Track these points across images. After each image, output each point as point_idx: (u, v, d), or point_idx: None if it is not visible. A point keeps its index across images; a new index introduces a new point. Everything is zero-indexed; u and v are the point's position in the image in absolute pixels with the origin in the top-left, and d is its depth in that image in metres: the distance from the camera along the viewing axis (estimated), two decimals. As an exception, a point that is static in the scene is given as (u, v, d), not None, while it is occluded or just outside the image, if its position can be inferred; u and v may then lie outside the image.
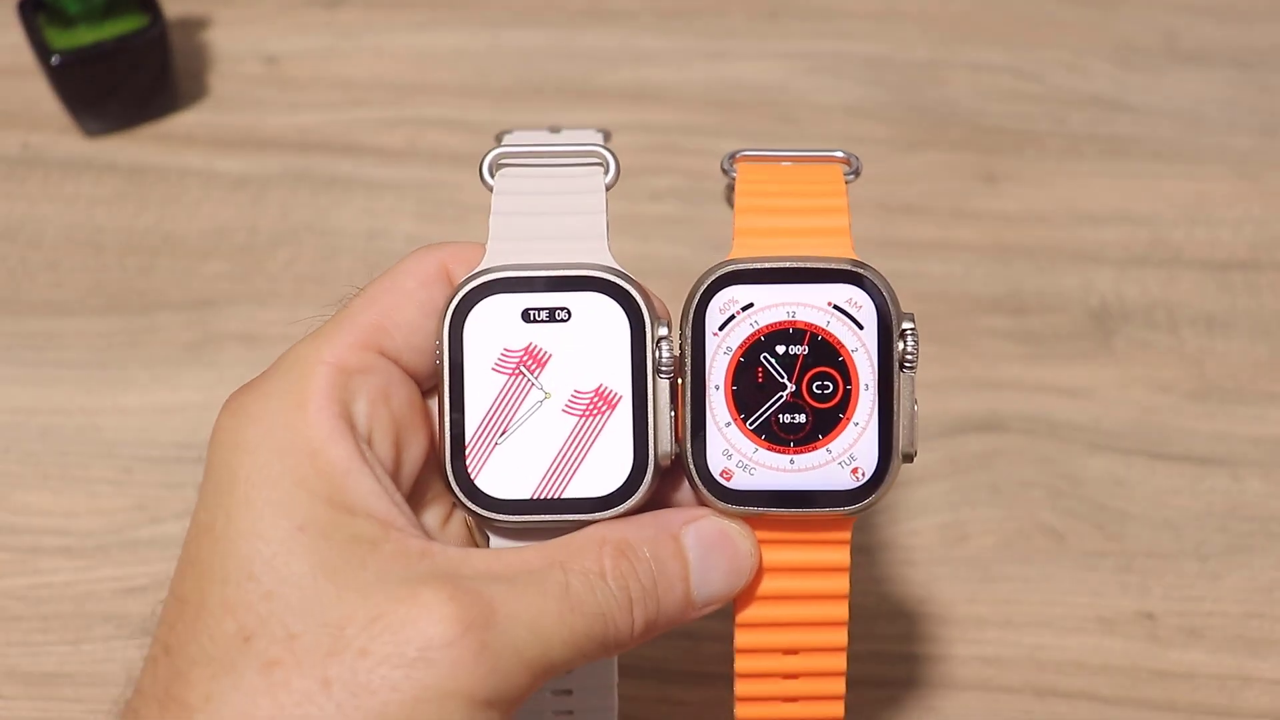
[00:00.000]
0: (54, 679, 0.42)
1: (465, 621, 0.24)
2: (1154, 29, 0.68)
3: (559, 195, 0.29)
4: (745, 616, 0.29)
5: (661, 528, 0.27)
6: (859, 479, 0.27)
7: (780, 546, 0.28)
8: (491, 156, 0.29)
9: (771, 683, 0.29)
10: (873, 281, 0.27)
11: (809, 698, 0.29)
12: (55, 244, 0.55)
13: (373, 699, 0.23)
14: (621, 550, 0.26)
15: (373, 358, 0.27)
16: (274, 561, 0.24)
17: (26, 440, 0.48)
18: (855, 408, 0.27)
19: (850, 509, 0.27)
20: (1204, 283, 0.56)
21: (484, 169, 0.29)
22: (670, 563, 0.27)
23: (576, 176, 0.29)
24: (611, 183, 0.29)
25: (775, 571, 0.28)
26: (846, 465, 0.27)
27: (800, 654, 0.29)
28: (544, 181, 0.29)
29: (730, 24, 0.67)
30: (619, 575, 0.26)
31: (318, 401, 0.25)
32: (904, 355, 0.27)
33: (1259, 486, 0.49)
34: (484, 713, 0.24)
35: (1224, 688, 0.43)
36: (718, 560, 0.27)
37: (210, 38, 0.64)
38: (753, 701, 0.30)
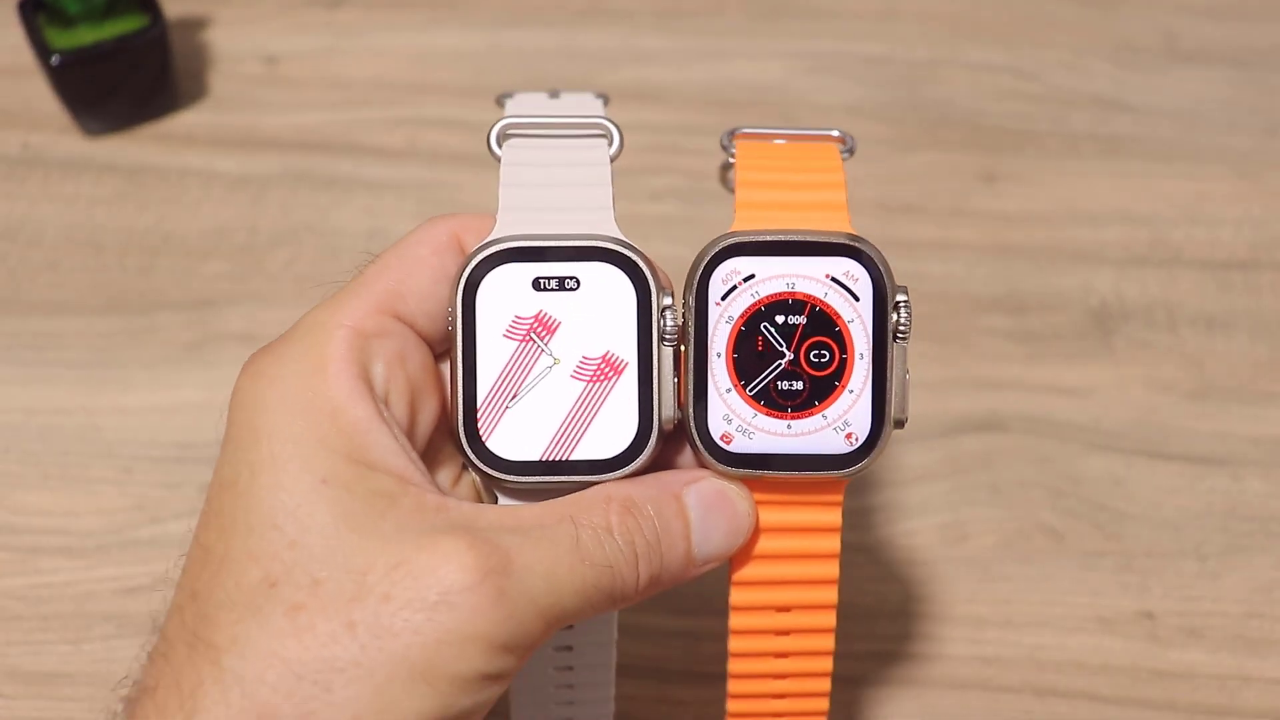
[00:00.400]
0: (54, 678, 0.42)
1: (484, 569, 0.24)
2: (1154, 29, 0.68)
3: (566, 167, 0.30)
4: (741, 575, 0.29)
5: (664, 488, 0.28)
6: (853, 444, 0.28)
7: (776, 507, 0.29)
8: (499, 128, 0.30)
9: (765, 639, 0.30)
10: (869, 255, 0.28)
11: (801, 654, 0.30)
12: (55, 244, 0.55)
13: (395, 641, 0.24)
14: (627, 507, 0.27)
15: (389, 322, 0.28)
16: (298, 512, 0.25)
17: (27, 440, 0.48)
18: (850, 376, 0.28)
19: (844, 472, 0.28)
20: (1204, 282, 0.56)
21: (491, 139, 0.30)
22: (673, 521, 0.28)
23: (582, 148, 0.30)
24: (616, 154, 0.30)
25: (771, 531, 0.29)
26: (841, 430, 0.28)
27: (793, 611, 0.30)
28: (551, 153, 0.30)
29: (730, 23, 0.67)
30: (625, 530, 0.27)
31: (337, 364, 0.26)
32: (897, 326, 0.28)
33: (1259, 486, 0.49)
34: (501, 657, 0.25)
35: (1224, 688, 0.43)
36: (717, 520, 0.28)
37: (210, 38, 0.64)
38: (746, 658, 0.30)
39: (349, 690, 0.24)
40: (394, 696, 0.24)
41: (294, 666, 0.24)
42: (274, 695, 0.24)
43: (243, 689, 0.24)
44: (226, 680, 0.24)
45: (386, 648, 0.24)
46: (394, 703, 0.24)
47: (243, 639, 0.24)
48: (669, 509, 0.28)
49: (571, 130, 0.30)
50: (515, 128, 0.30)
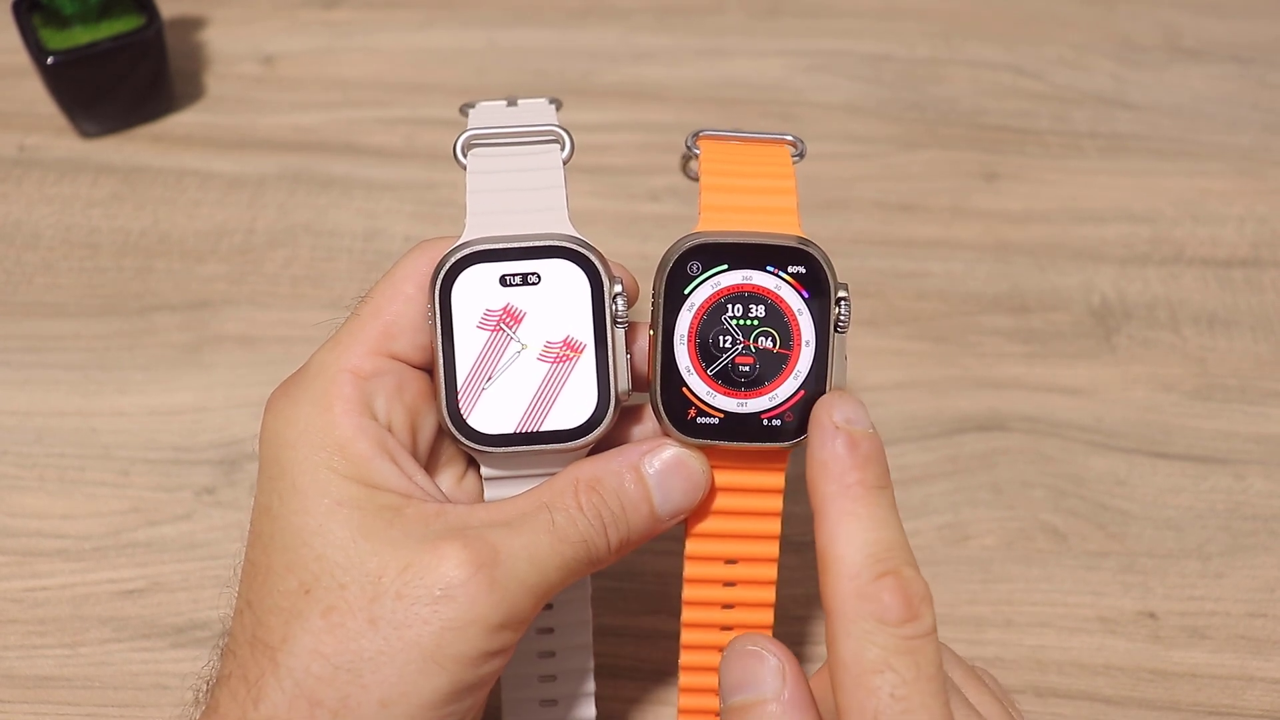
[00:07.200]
0: (50, 682, 0.41)
1: (476, 563, 0.29)
2: (1155, 26, 0.68)
3: (524, 172, 0.33)
4: (698, 528, 0.34)
5: (623, 461, 0.32)
6: (796, 419, 0.32)
7: (730, 470, 0.33)
8: (463, 139, 0.34)
9: (713, 589, 0.34)
10: (815, 257, 0.32)
11: (744, 604, 0.34)
12: (51, 245, 0.54)
13: (409, 631, 0.29)
14: (592, 486, 0.32)
15: (384, 362, 0.32)
16: (320, 530, 0.30)
17: (23, 443, 0.48)
18: (797, 360, 0.32)
19: (787, 443, 0.32)
20: (1206, 280, 0.55)
21: (457, 149, 0.34)
22: (633, 489, 0.32)
23: (537, 154, 0.34)
24: (568, 157, 0.34)
25: (725, 491, 0.33)
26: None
27: (740, 563, 0.34)
28: (510, 160, 0.34)
29: (729, 21, 0.67)
30: (592, 507, 0.31)
31: (342, 404, 0.31)
32: (838, 319, 0.32)
33: (1261, 485, 0.48)
34: (499, 634, 0.29)
35: (1227, 688, 0.43)
36: (676, 480, 0.32)
37: (207, 38, 0.64)
38: (697, 606, 0.34)
39: (376, 675, 0.29)
40: (412, 678, 0.29)
41: (332, 659, 0.29)
42: (318, 684, 0.29)
43: (294, 679, 0.29)
44: (280, 673, 0.29)
45: (403, 637, 0.29)
46: (412, 683, 0.29)
47: (290, 639, 0.29)
48: (629, 478, 0.32)
49: (527, 138, 0.34)
50: (477, 138, 0.34)
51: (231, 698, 0.30)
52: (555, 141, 0.34)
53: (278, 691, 0.29)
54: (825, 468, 0.29)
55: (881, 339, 0.52)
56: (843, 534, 0.28)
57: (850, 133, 0.61)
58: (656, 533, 0.33)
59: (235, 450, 0.48)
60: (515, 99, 0.37)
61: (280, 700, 0.29)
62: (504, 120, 0.35)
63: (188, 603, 0.43)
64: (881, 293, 0.54)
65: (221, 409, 0.49)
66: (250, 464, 0.47)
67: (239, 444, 0.48)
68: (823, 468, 0.29)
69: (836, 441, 0.29)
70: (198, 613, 0.43)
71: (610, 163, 0.59)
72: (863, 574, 0.28)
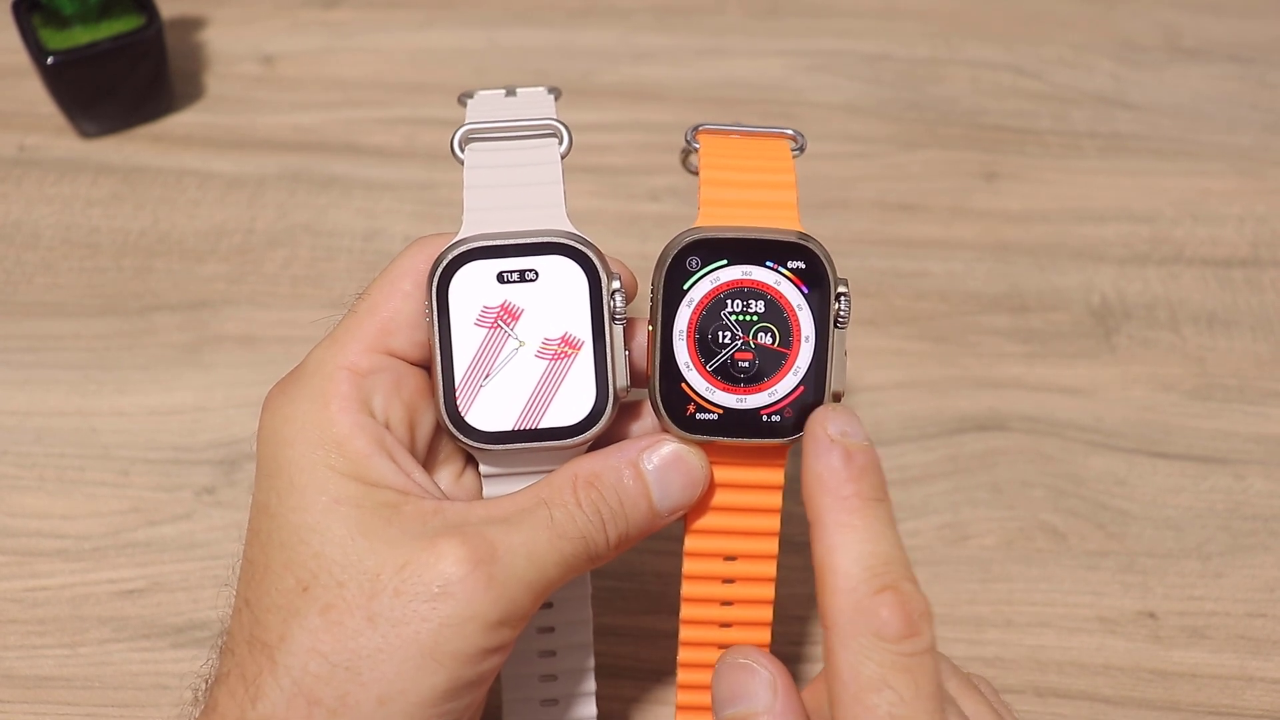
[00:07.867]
0: (49, 682, 0.41)
1: (474, 560, 0.29)
2: (1154, 25, 0.68)
3: (521, 167, 0.33)
4: (698, 525, 0.33)
5: (622, 457, 0.32)
6: (795, 416, 0.32)
7: (729, 466, 0.33)
8: (461, 133, 0.33)
9: (712, 585, 0.34)
10: (815, 252, 0.31)
11: (743, 602, 0.34)
12: (51, 245, 0.54)
13: (408, 628, 0.28)
14: (590, 482, 0.31)
15: (381, 359, 0.32)
16: (318, 528, 0.29)
17: (23, 443, 0.48)
18: (796, 356, 0.31)
19: (786, 439, 0.32)
20: (1206, 280, 0.55)
21: (454, 144, 0.33)
22: (632, 485, 0.32)
23: (535, 148, 0.33)
24: (565, 151, 0.33)
25: (724, 487, 0.33)
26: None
27: (739, 560, 0.34)
28: (508, 155, 0.33)
29: (729, 21, 0.67)
30: (590, 503, 0.31)
31: (339, 402, 0.31)
32: (838, 314, 0.31)
33: (1261, 485, 0.48)
34: (497, 631, 0.29)
35: (1227, 688, 0.43)
36: (675, 476, 0.32)
37: (206, 38, 0.64)
38: (696, 604, 0.34)
39: (374, 673, 0.28)
40: (410, 675, 0.29)
41: (330, 657, 0.29)
42: (316, 682, 0.29)
43: (292, 678, 0.29)
44: (279, 671, 0.29)
45: (401, 635, 0.28)
46: (411, 680, 0.29)
47: (288, 637, 0.29)
48: (628, 475, 0.32)
49: (525, 132, 0.33)
50: (475, 133, 0.33)
51: (230, 696, 0.30)
52: (553, 135, 0.33)
53: (276, 690, 0.29)
54: (821, 480, 0.29)
55: (881, 339, 0.52)
56: (839, 546, 0.28)
57: (850, 132, 0.61)
58: (656, 529, 0.33)
59: (235, 450, 0.48)
60: (514, 89, 0.36)
61: (278, 698, 0.29)
62: (502, 111, 0.34)
63: (187, 603, 0.43)
64: (881, 292, 0.54)
65: (221, 409, 0.49)
66: (250, 464, 0.47)
67: (239, 444, 0.48)
68: (818, 481, 0.29)
69: (832, 454, 0.29)
70: (197, 613, 0.43)
71: (610, 162, 0.59)
72: (860, 587, 0.28)
